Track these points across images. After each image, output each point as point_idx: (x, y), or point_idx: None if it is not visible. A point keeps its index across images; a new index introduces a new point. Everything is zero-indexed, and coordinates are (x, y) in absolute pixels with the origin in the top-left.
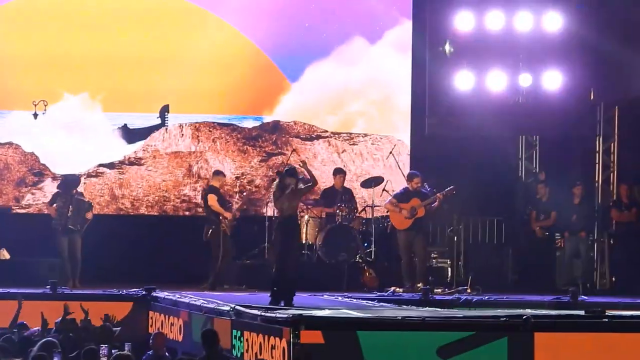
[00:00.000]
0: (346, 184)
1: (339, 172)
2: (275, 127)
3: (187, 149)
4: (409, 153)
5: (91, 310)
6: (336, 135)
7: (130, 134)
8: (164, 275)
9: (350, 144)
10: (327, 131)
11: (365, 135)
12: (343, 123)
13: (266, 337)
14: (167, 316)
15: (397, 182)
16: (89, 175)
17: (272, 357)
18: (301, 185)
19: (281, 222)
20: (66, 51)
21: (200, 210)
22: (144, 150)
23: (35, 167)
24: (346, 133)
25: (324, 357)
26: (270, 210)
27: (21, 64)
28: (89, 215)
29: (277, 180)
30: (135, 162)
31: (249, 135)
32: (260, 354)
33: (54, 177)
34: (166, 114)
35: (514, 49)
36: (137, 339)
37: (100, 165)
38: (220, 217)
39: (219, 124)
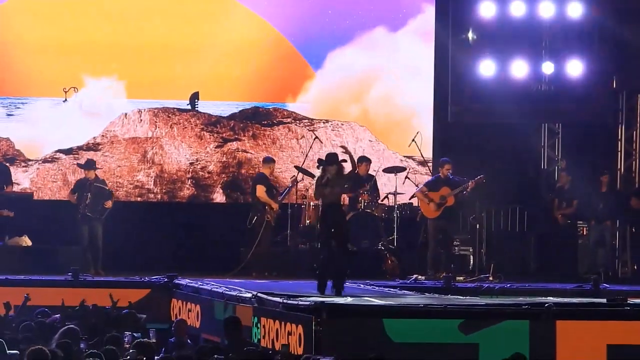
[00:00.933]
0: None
1: (365, 160)
2: (256, 114)
3: (144, 134)
4: (432, 140)
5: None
6: (297, 122)
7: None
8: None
9: (310, 130)
10: (289, 116)
11: (327, 121)
12: (365, 111)
13: (283, 323)
14: (186, 303)
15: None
16: (44, 161)
17: (289, 343)
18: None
19: (325, 210)
20: (89, 38)
21: (152, 196)
22: (102, 135)
23: (9, 152)
24: (308, 119)
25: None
26: (220, 197)
27: (45, 50)
28: (108, 204)
29: (321, 169)
30: (93, 147)
31: (208, 121)
32: (277, 340)
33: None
34: (196, 100)
35: (537, 37)
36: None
37: (58, 150)
38: (266, 207)
39: (179, 109)
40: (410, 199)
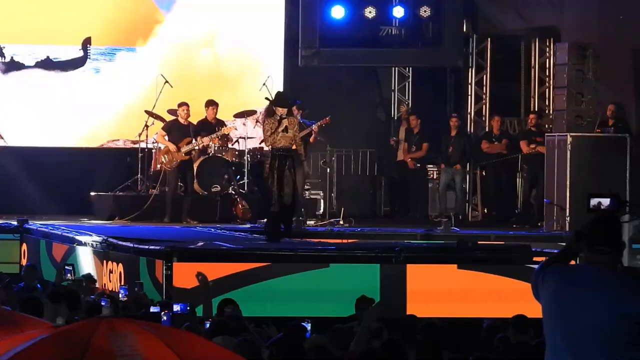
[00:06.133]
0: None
1: (212, 104)
2: None
3: None
4: (282, 85)
5: None
6: None
7: (54, 67)
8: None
9: None
10: None
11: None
12: (217, 55)
13: (108, 262)
14: (39, 248)
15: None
16: None
17: (110, 281)
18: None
19: (275, 155)
20: None
21: None
22: None
23: None
24: None
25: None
26: None
27: None
28: None
29: (265, 109)
30: None
31: None
32: (102, 280)
33: None
34: (88, 46)
35: None
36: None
37: None
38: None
39: None
40: (260, 143)
